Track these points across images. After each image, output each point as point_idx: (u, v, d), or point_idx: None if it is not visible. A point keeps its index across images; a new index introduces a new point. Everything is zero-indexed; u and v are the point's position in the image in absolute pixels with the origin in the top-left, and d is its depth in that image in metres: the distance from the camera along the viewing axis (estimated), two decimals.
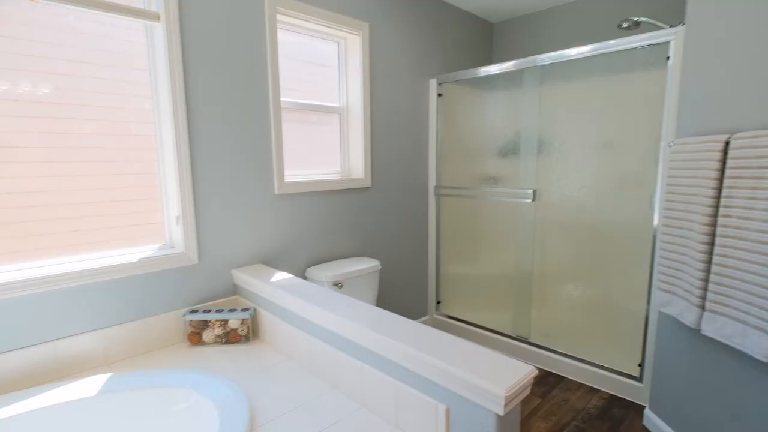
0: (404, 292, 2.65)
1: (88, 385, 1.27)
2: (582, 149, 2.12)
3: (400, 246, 2.57)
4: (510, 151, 2.41)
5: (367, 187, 2.32)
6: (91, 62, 1.46)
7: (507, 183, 2.44)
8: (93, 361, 1.45)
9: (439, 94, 2.61)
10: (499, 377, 0.94)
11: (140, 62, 1.57)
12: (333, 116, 2.24)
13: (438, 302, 2.83)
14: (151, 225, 1.65)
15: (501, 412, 0.91)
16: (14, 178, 1.35)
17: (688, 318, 1.47)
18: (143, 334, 1.56)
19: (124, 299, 1.52)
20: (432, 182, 2.69)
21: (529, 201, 2.30)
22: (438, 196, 2.70)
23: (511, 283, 2.50)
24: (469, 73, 2.46)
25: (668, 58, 1.74)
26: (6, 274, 1.32)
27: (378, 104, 2.31)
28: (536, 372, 1.01)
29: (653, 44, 1.78)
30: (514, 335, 2.48)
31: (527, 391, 0.98)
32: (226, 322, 1.63)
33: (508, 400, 0.90)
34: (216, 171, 1.72)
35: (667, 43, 1.74)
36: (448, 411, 1.02)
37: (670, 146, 1.60)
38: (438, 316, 2.82)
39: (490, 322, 2.61)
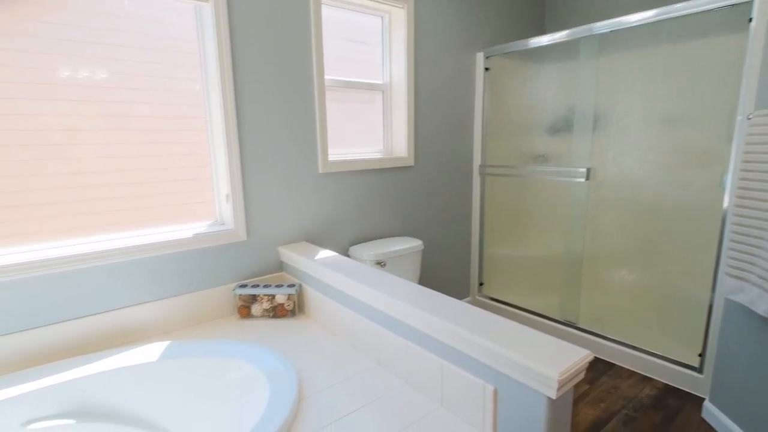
0: (446, 273, 2.62)
1: (150, 351, 1.36)
2: (643, 124, 1.97)
3: (443, 226, 2.53)
4: (562, 127, 2.28)
5: (410, 166, 2.28)
6: (144, 47, 1.50)
7: (558, 161, 2.32)
8: (153, 329, 1.54)
9: (486, 68, 2.50)
10: (552, 360, 0.90)
11: (190, 45, 1.60)
12: (376, 94, 2.21)
13: (480, 284, 2.78)
14: (203, 203, 1.71)
15: (553, 396, 0.87)
16: (78, 159, 1.43)
17: (763, 307, 1.35)
18: (197, 306, 1.63)
19: (179, 273, 1.60)
20: (477, 161, 2.61)
21: (582, 180, 2.18)
22: (483, 175, 2.62)
23: (560, 265, 2.41)
24: (519, 45, 2.33)
25: (750, 19, 1.56)
26: (73, 248, 1.42)
27: (422, 80, 2.25)
28: (592, 356, 0.96)
29: (732, 5, 1.60)
30: (561, 320, 2.40)
31: (581, 376, 0.94)
32: (273, 297, 1.68)
33: (562, 384, 0.87)
34: (263, 150, 1.74)
35: (750, 2, 1.56)
36: (496, 392, 1.00)
37: (749, 119, 1.45)
38: (480, 298, 2.78)
39: (535, 306, 2.54)
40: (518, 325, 1.08)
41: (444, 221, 2.53)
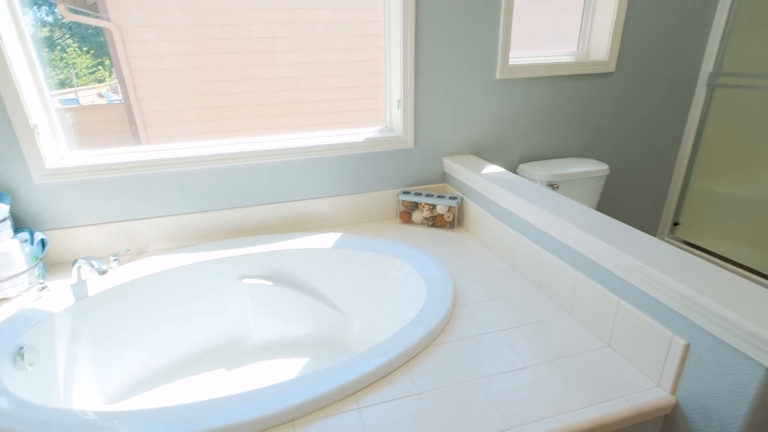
0: (631, 206, 2.24)
1: (326, 239, 1.55)
2: None
3: (638, 149, 2.10)
4: None
5: (609, 73, 1.88)
6: None
7: None
8: (328, 221, 1.74)
9: None
10: None
11: None
12: None
13: (675, 224, 2.31)
14: (376, 109, 1.75)
15: None
16: (274, 66, 1.57)
17: None
18: (365, 206, 1.76)
19: (353, 173, 1.71)
20: (707, 67, 2.00)
21: None
22: (712, 86, 2.02)
23: None
24: None
25: None
26: (270, 144, 1.63)
27: None
28: None
29: None
30: None
31: None
32: (434, 206, 1.69)
33: None
34: (438, 53, 1.64)
35: None
36: (687, 347, 0.83)
37: None
38: (671, 240, 2.33)
39: (754, 261, 2.00)
40: (738, 278, 0.84)
41: (641, 143, 2.09)
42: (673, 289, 0.83)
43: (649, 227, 2.35)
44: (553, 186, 1.78)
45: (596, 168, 1.81)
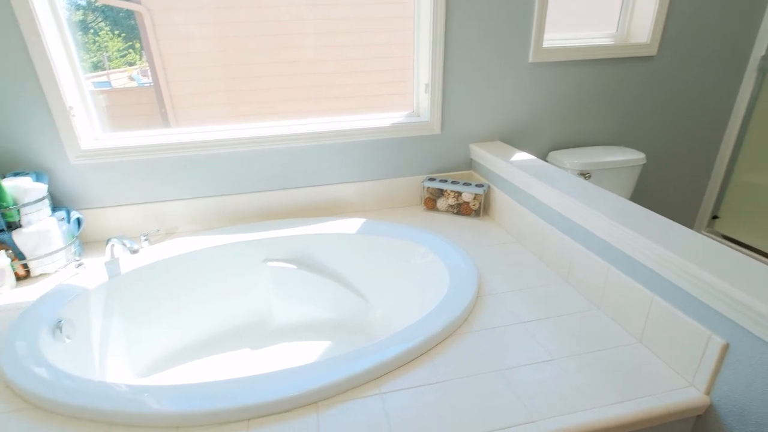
0: (666, 197, 2.14)
1: (350, 224, 1.55)
2: None
3: (678, 138, 2.00)
4: None
5: (650, 57, 1.78)
6: None
7: None
8: (352, 206, 1.74)
9: None
10: None
11: None
12: None
13: (714, 217, 2.20)
14: (402, 93, 1.72)
15: None
16: (299, 48, 1.56)
17: None
18: (390, 192, 1.75)
19: (378, 159, 1.70)
20: (758, 50, 1.87)
21: None
22: (763, 70, 1.89)
23: None
24: None
25: None
26: (294, 128, 1.61)
27: None
28: None
29: None
30: None
31: None
32: (459, 194, 1.66)
33: None
34: (469, 34, 1.59)
35: None
36: (726, 348, 0.79)
37: None
38: (709, 234, 2.22)
39: None
40: None
41: (681, 131, 1.99)
42: (712, 286, 0.79)
43: (686, 220, 2.25)
44: (584, 175, 1.72)
45: (631, 157, 1.74)
